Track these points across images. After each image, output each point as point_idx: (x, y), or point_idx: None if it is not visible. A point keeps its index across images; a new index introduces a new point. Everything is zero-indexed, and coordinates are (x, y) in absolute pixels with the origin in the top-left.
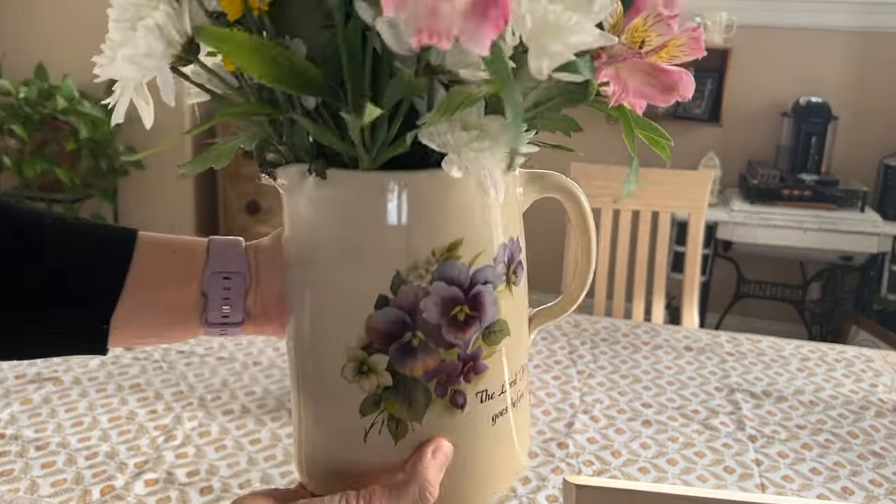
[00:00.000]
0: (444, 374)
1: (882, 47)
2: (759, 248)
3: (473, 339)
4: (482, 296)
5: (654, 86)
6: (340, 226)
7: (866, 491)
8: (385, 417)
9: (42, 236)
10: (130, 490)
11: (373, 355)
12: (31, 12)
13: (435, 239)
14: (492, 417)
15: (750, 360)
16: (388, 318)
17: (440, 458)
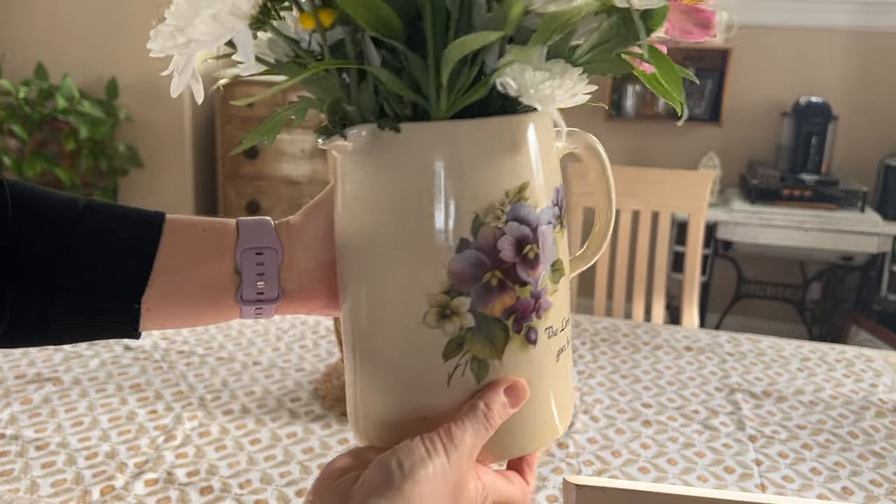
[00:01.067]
0: (519, 311)
1: (882, 47)
2: (759, 248)
3: (542, 276)
4: (546, 235)
5: (693, 23)
6: (417, 177)
7: (866, 491)
8: (468, 359)
9: (72, 221)
10: (130, 490)
11: (455, 298)
12: (31, 12)
13: (507, 181)
14: (556, 353)
15: (750, 360)
16: (469, 260)
17: (512, 393)
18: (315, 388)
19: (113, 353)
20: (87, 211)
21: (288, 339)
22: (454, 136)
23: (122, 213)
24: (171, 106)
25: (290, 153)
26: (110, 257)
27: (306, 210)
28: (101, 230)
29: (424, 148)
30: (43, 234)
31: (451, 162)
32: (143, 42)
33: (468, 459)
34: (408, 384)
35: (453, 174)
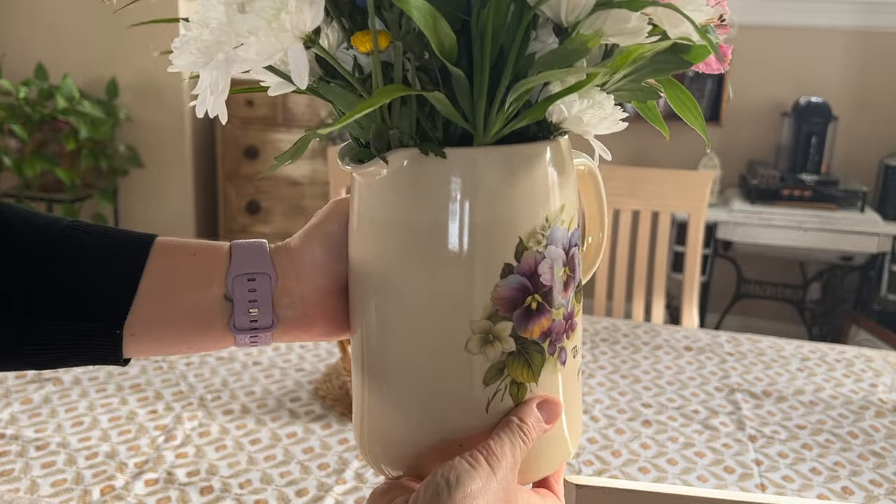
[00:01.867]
0: (554, 333)
1: (882, 47)
2: (759, 248)
3: (571, 297)
4: (575, 257)
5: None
6: (460, 202)
7: (866, 491)
8: (508, 383)
9: (51, 242)
10: (130, 490)
11: (498, 323)
12: (31, 12)
13: (547, 205)
14: (578, 371)
15: (750, 360)
16: (512, 286)
17: (546, 408)
18: (315, 388)
19: None
20: (67, 231)
21: None
22: (499, 160)
23: (106, 234)
24: (171, 106)
25: None
26: (91, 280)
27: (304, 234)
28: (82, 251)
29: (469, 173)
30: (20, 255)
31: (494, 187)
32: (143, 42)
33: (512, 473)
34: (444, 410)
35: (498, 199)
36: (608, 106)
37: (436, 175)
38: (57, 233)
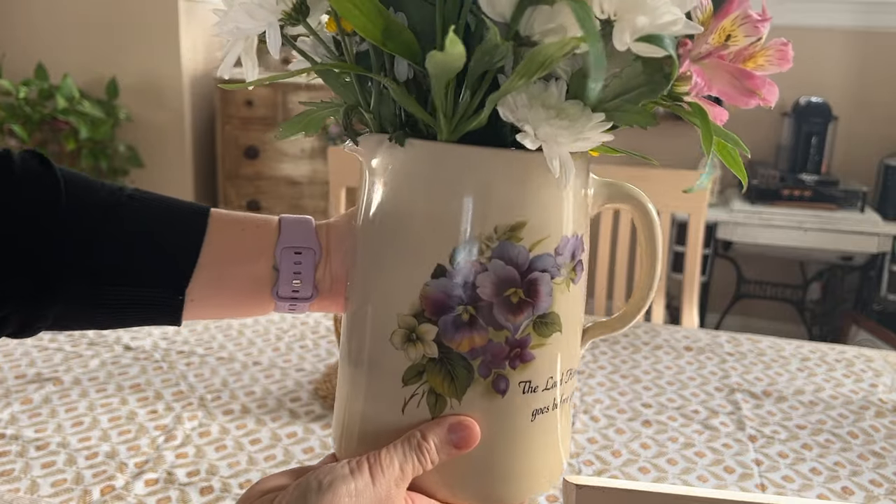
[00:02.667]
0: (489, 354)
1: (882, 47)
2: (759, 248)
3: (524, 325)
4: (538, 283)
5: (735, 87)
6: (411, 193)
7: (866, 491)
8: (426, 389)
9: (121, 210)
10: (130, 490)
11: (422, 324)
12: (31, 12)
13: (499, 217)
14: (532, 412)
15: (750, 360)
16: (442, 289)
17: (456, 432)
18: (315, 388)
19: (113, 353)
20: (132, 199)
21: (288, 339)
22: (450, 159)
23: (168, 204)
24: (171, 106)
25: (291, 153)
26: (156, 248)
27: (347, 215)
28: (146, 221)
29: (421, 166)
30: (92, 223)
31: (442, 185)
32: (143, 42)
33: (398, 488)
34: (370, 399)
35: (442, 198)
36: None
37: (399, 163)
38: (123, 201)
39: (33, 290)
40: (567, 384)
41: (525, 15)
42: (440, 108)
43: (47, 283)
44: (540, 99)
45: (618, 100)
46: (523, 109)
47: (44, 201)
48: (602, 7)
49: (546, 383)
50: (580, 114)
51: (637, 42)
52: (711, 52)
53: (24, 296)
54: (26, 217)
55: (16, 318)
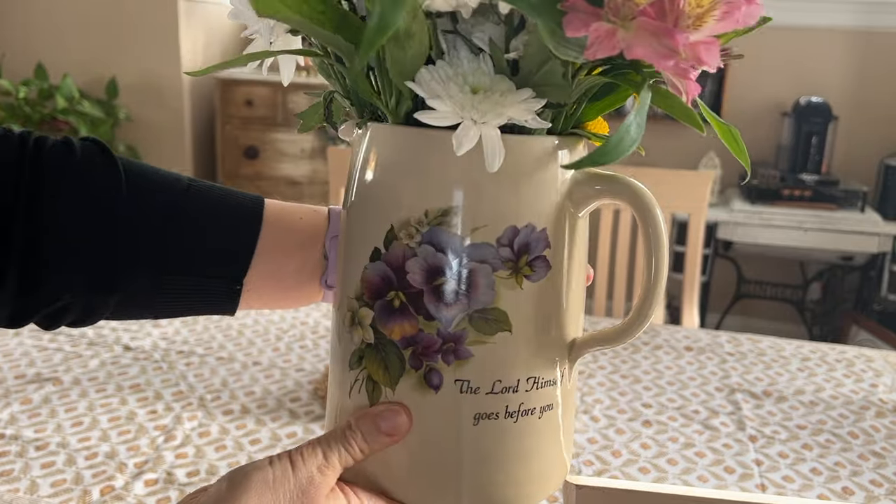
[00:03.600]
0: (420, 345)
1: (882, 47)
2: (759, 248)
3: (459, 318)
4: (475, 274)
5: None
6: (362, 176)
7: (867, 491)
8: (365, 376)
9: (179, 199)
10: (130, 490)
11: (362, 308)
12: (31, 12)
13: (430, 200)
14: (474, 416)
15: (750, 360)
16: (377, 272)
17: (384, 419)
18: (315, 388)
19: (113, 353)
20: (191, 189)
21: (288, 339)
22: (390, 140)
23: (224, 193)
24: (171, 106)
25: (290, 153)
26: (216, 238)
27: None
28: (207, 210)
29: (372, 150)
30: (153, 212)
31: (384, 167)
32: (142, 42)
33: (320, 471)
34: (331, 385)
35: (381, 180)
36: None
37: (362, 148)
38: (182, 190)
39: (96, 278)
40: (535, 394)
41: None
42: (370, 95)
43: (110, 271)
44: (467, 76)
45: (543, 71)
46: (436, 84)
47: (106, 189)
48: None
49: (492, 387)
50: (506, 89)
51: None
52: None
53: (87, 284)
54: (89, 205)
55: (77, 306)
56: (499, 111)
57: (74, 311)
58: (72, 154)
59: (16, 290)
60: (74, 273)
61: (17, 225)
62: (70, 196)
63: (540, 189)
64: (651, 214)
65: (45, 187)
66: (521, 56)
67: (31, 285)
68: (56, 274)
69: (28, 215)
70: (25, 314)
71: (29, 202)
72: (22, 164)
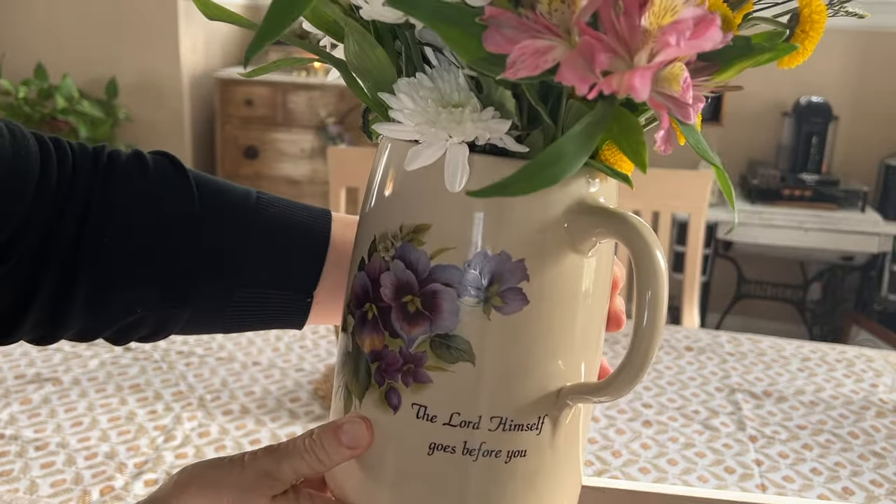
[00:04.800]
0: (384, 361)
1: (882, 47)
2: (759, 248)
3: (420, 339)
4: (438, 296)
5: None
6: (370, 187)
7: (867, 491)
8: (343, 383)
9: (251, 213)
10: (130, 490)
11: (348, 315)
12: (31, 12)
13: (406, 216)
14: (430, 445)
15: (750, 360)
16: (360, 282)
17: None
18: (315, 388)
19: (112, 354)
20: (261, 203)
21: (288, 339)
22: (383, 151)
23: (293, 208)
24: (171, 106)
25: (290, 153)
26: (287, 251)
27: None
28: (277, 224)
29: (378, 160)
30: (225, 226)
31: (375, 177)
32: (142, 42)
33: (269, 479)
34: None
35: (373, 190)
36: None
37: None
38: (252, 204)
39: (168, 291)
40: (501, 436)
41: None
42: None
43: (182, 285)
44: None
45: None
46: (406, 98)
47: (178, 203)
48: None
49: (450, 418)
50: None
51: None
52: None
53: (159, 297)
54: (161, 219)
55: (150, 320)
56: (460, 129)
57: (147, 326)
58: (144, 168)
59: (87, 305)
60: (146, 287)
61: (88, 240)
62: (142, 210)
63: (521, 217)
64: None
65: (117, 201)
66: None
67: (104, 300)
68: (128, 288)
69: (99, 229)
70: (97, 329)
71: (101, 216)
72: (95, 178)
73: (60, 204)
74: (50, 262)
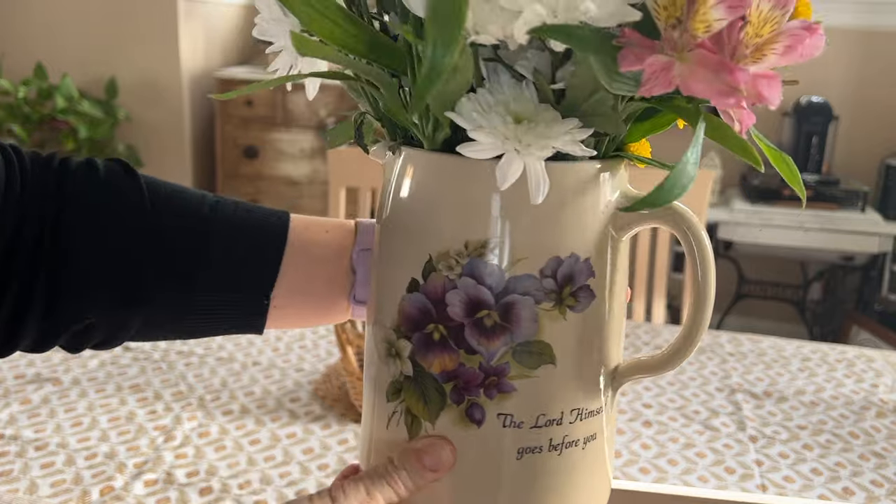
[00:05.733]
0: (461, 379)
1: (883, 47)
2: (759, 248)
3: (501, 351)
4: (516, 307)
5: (711, 83)
6: (399, 203)
7: (867, 491)
8: (403, 409)
9: (207, 214)
10: (130, 490)
11: (400, 339)
12: (31, 12)
13: (471, 231)
14: (518, 450)
15: (751, 360)
16: (415, 304)
17: (427, 454)
18: (315, 388)
19: (112, 354)
20: (216, 205)
21: (288, 339)
22: (427, 167)
23: (250, 209)
24: (171, 106)
25: (290, 153)
26: (243, 253)
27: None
28: (233, 225)
29: (407, 175)
30: (179, 229)
31: (421, 195)
32: (142, 42)
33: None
34: (367, 414)
35: (418, 208)
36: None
37: (396, 172)
38: (207, 207)
39: (120, 295)
40: (579, 425)
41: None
42: (404, 119)
43: (135, 288)
44: (505, 104)
45: (592, 101)
46: (478, 115)
47: (129, 207)
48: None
49: (536, 420)
50: (553, 120)
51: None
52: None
53: (111, 301)
54: (112, 223)
55: (103, 325)
56: (544, 142)
57: (101, 331)
58: (96, 175)
59: (42, 313)
60: (98, 290)
61: (43, 247)
62: (93, 215)
63: (583, 217)
64: (699, 240)
65: (69, 207)
66: (568, 86)
67: (56, 306)
68: (80, 292)
69: (53, 237)
70: (51, 336)
71: (54, 223)
72: (47, 187)
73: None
74: (10, 277)
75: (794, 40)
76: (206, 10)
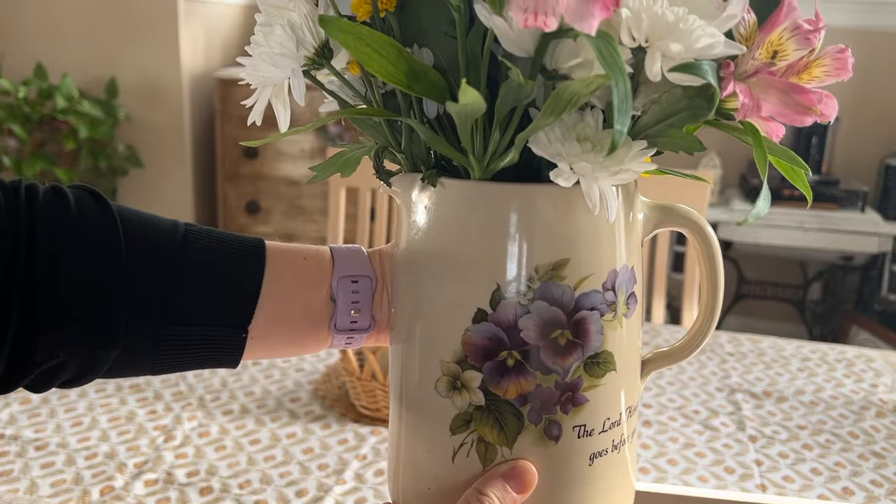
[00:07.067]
0: (538, 400)
1: (882, 47)
2: (759, 248)
3: (574, 367)
4: (586, 322)
5: (787, 105)
6: (446, 235)
7: (867, 491)
8: (475, 439)
9: (177, 248)
10: (130, 490)
11: (466, 371)
12: (31, 12)
13: (539, 256)
14: (590, 456)
15: (750, 360)
16: (484, 334)
17: (513, 478)
18: (315, 388)
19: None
20: (189, 236)
21: None
22: (483, 198)
23: (224, 239)
24: (171, 106)
25: (290, 153)
26: (219, 285)
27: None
28: (208, 257)
29: (456, 207)
30: (152, 261)
31: (477, 225)
32: (143, 42)
33: None
34: (420, 448)
35: (478, 239)
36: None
37: (433, 203)
38: (180, 237)
39: (93, 332)
40: (628, 422)
41: (549, 49)
42: (469, 148)
43: (107, 325)
44: (575, 130)
45: (660, 125)
46: (556, 144)
47: (102, 241)
48: (632, 34)
49: (603, 425)
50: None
51: (672, 72)
52: (759, 70)
53: (84, 339)
54: (84, 258)
55: (74, 364)
56: (617, 165)
57: (70, 369)
58: (65, 205)
59: (10, 350)
60: (69, 328)
61: (16, 283)
62: (66, 247)
63: (630, 228)
64: (710, 241)
65: (38, 241)
66: (644, 111)
67: (23, 345)
68: (50, 331)
69: (26, 273)
70: (17, 376)
71: (27, 258)
72: (17, 219)
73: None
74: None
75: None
76: (206, 10)
